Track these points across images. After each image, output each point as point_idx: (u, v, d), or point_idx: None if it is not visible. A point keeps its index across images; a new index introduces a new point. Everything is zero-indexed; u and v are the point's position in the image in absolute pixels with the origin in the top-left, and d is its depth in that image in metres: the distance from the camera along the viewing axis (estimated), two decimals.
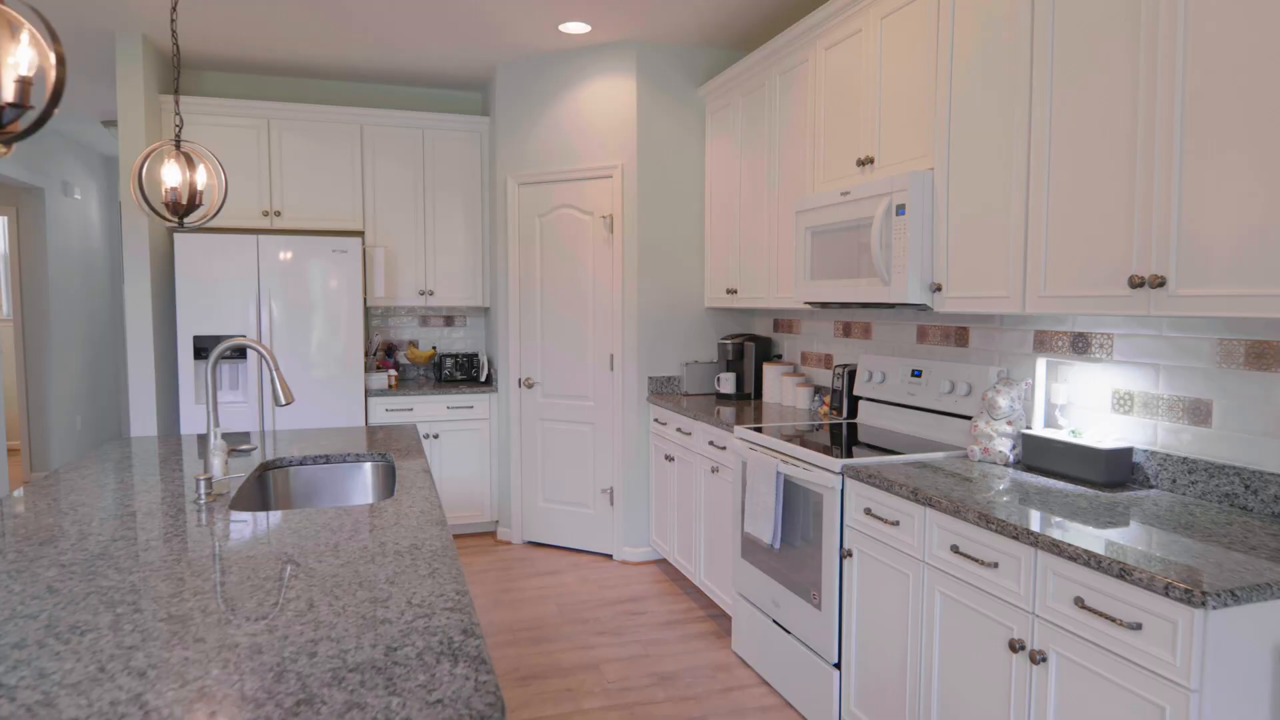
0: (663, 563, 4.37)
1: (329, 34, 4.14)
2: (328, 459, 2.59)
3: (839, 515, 2.52)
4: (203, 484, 2.00)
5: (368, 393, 4.59)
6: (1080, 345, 2.40)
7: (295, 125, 4.60)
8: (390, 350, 5.15)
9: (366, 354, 4.95)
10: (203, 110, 4.44)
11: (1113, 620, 1.58)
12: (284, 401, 2.16)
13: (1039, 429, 2.50)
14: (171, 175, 2.36)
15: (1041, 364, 2.54)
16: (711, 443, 3.53)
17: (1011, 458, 2.46)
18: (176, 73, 2.29)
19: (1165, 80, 1.80)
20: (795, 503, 2.75)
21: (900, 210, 2.58)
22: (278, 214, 4.59)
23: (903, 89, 2.71)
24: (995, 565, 1.90)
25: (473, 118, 4.90)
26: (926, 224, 2.56)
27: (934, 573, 2.12)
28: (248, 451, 2.36)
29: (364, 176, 4.74)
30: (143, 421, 4.28)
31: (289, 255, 4.38)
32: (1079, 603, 1.66)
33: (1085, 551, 1.63)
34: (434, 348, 5.24)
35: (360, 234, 4.82)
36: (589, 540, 4.51)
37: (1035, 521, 1.83)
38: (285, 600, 1.34)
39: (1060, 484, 2.20)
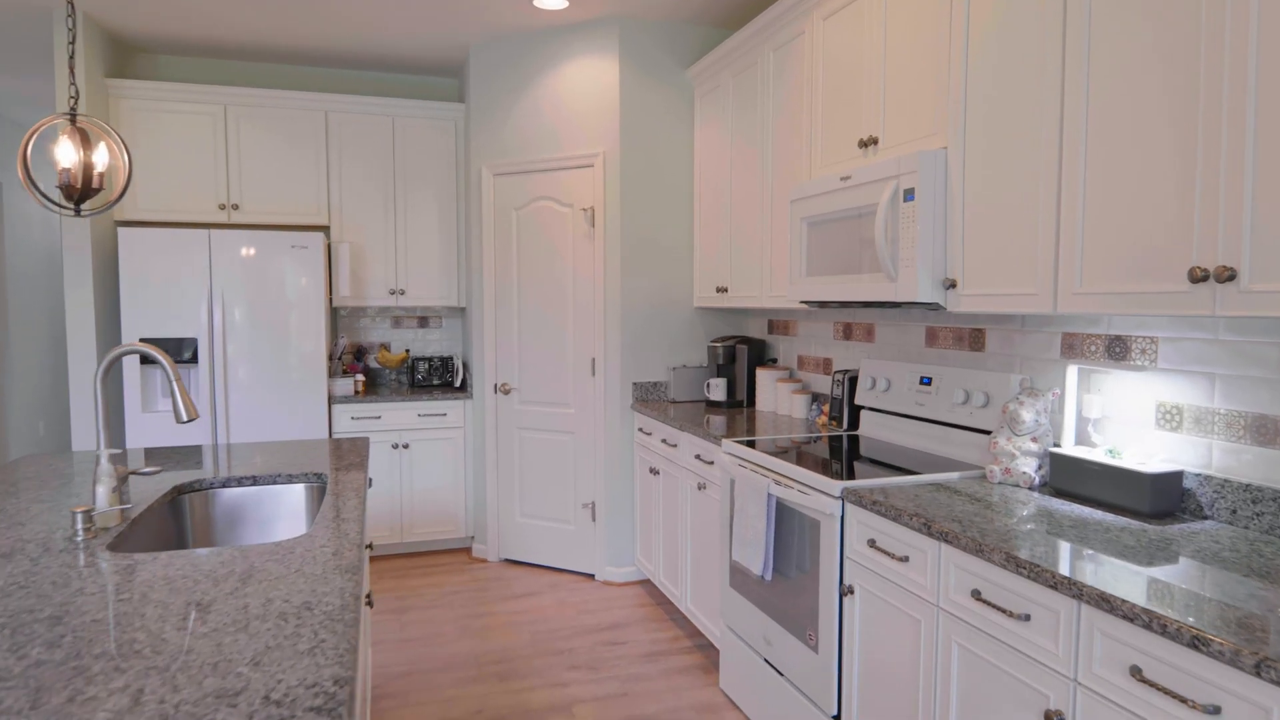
0: (648, 584, 4.04)
1: (290, 10, 3.82)
2: (255, 480, 2.27)
3: (838, 546, 2.20)
4: (80, 518, 1.68)
5: (332, 400, 4.26)
6: (1117, 350, 2.08)
7: (255, 112, 4.28)
8: (360, 353, 4.83)
9: (331, 358, 4.61)
10: (153, 95, 4.12)
11: (1181, 700, 1.25)
12: (185, 418, 1.84)
13: (1069, 447, 2.17)
14: (65, 154, 2.04)
15: (1072, 371, 2.21)
16: (698, 456, 3.21)
17: (1037, 480, 2.13)
18: (72, 36, 1.97)
19: (1236, 22, 1.47)
20: (789, 529, 2.42)
21: (908, 195, 2.25)
22: (235, 207, 4.26)
23: (910, 58, 2.38)
24: (1027, 618, 1.58)
25: (446, 104, 4.57)
26: (939, 211, 2.24)
27: (951, 620, 1.80)
28: (151, 474, 2.04)
29: (329, 167, 4.42)
30: (86, 432, 3.96)
31: (246, 252, 4.06)
32: (1135, 673, 1.34)
33: (1145, 611, 1.30)
34: (407, 350, 4.91)
35: (325, 229, 4.50)
36: (569, 559, 4.18)
37: (1075, 565, 1.51)
38: (107, 692, 1.01)
39: (1097, 513, 1.87)
